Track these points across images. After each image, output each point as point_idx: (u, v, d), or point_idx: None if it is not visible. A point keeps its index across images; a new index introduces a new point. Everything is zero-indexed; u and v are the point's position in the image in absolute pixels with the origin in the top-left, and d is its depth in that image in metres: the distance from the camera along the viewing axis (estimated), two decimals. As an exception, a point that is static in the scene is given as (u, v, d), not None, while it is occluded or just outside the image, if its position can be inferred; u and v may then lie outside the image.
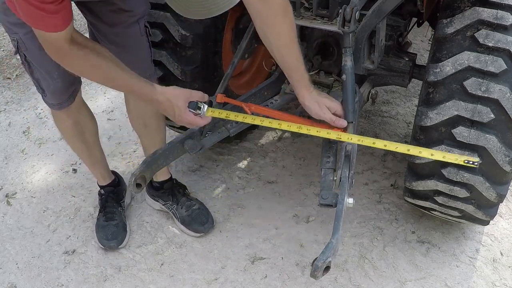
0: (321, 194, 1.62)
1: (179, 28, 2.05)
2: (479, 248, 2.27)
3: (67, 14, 1.47)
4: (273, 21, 1.63)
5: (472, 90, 1.69)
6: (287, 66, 1.74)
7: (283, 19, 1.63)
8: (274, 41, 1.68)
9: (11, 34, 1.81)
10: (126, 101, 2.22)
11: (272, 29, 1.65)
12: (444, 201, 1.95)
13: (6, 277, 2.26)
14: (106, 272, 2.25)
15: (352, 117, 1.76)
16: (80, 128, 2.17)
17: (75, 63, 1.61)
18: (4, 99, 3.35)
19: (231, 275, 2.21)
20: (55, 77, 1.89)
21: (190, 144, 1.88)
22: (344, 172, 1.67)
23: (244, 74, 2.76)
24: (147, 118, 2.20)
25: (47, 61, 1.76)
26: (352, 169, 1.69)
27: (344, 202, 1.57)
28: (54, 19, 1.43)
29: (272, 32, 1.66)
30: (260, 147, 2.82)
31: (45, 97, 2.02)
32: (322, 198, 1.61)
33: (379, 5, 1.78)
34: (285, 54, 1.71)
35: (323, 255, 1.41)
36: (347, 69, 1.79)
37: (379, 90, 3.09)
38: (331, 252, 1.42)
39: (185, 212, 2.36)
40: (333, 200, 1.59)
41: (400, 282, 2.15)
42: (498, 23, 1.69)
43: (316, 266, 1.40)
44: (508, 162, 1.74)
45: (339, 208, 1.54)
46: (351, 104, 1.77)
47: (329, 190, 1.65)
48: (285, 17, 1.64)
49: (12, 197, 2.64)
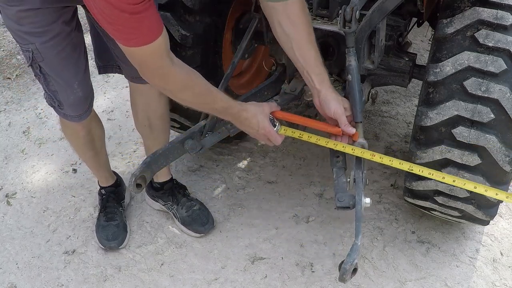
0: (336, 197, 1.61)
1: (179, 28, 2.05)
2: (479, 248, 2.27)
3: (157, 15, 1.33)
4: (293, 15, 1.62)
5: (472, 90, 1.69)
6: (307, 62, 1.70)
7: (302, 12, 1.63)
8: (294, 36, 1.66)
9: (24, 45, 1.72)
10: (134, 103, 2.20)
11: (292, 24, 1.64)
12: (444, 201, 1.95)
13: (6, 277, 2.26)
14: (106, 272, 2.25)
15: (360, 117, 1.75)
16: (91, 136, 2.16)
17: (178, 78, 1.48)
18: (4, 99, 3.35)
19: (231, 275, 2.21)
20: (75, 87, 1.84)
21: (190, 144, 1.88)
22: (357, 172, 1.65)
23: (244, 74, 2.75)
24: (154, 119, 2.19)
25: (67, 71, 1.72)
26: (365, 169, 1.68)
27: (362, 203, 1.56)
28: (147, 23, 1.28)
29: (292, 27, 1.65)
30: (260, 147, 2.82)
31: (61, 110, 1.95)
32: (338, 201, 1.60)
33: (379, 5, 1.77)
34: (305, 49, 1.68)
35: (350, 258, 1.40)
36: (352, 69, 1.78)
37: (379, 90, 3.09)
38: (356, 254, 1.42)
39: (186, 212, 2.36)
40: (349, 201, 1.58)
41: (400, 282, 2.15)
42: (498, 23, 1.69)
43: (344, 270, 1.39)
44: (508, 162, 1.73)
45: (358, 209, 1.54)
46: (359, 104, 1.75)
47: (344, 192, 1.64)
48: (303, 10, 1.64)
49: (12, 197, 2.64)
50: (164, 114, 2.21)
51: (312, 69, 1.71)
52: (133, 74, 2.04)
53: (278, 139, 1.77)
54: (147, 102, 2.14)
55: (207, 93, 1.60)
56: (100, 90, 3.36)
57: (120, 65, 2.04)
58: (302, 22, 1.66)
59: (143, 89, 2.09)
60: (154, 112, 2.17)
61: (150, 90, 2.08)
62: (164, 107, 2.18)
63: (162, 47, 1.38)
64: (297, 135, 1.78)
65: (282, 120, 1.82)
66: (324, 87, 1.73)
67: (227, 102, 1.66)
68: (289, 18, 1.64)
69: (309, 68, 1.72)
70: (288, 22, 1.65)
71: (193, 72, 1.55)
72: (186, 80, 1.52)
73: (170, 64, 1.43)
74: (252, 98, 2.06)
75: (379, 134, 2.86)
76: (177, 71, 1.48)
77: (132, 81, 2.08)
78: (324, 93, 1.73)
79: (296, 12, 1.63)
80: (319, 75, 1.72)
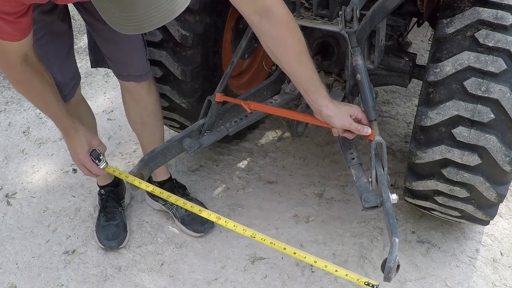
0: (363, 198, 1.59)
1: (179, 28, 2.05)
2: (479, 248, 2.27)
3: (24, 27, 1.50)
4: (278, 37, 1.58)
5: (472, 90, 1.69)
6: (300, 80, 1.66)
7: (288, 33, 1.57)
8: (281, 57, 1.62)
9: None
10: (124, 101, 2.21)
11: (278, 45, 1.60)
12: (444, 201, 1.95)
13: (6, 277, 2.26)
14: (106, 272, 2.25)
15: (374, 115, 1.71)
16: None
17: (17, 78, 1.66)
18: (4, 99, 3.35)
19: (231, 275, 2.21)
20: (54, 72, 1.89)
21: (188, 142, 1.88)
22: (379, 170, 1.63)
23: (244, 74, 2.76)
24: (145, 117, 2.20)
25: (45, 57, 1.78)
26: (386, 166, 1.65)
27: (390, 200, 1.55)
28: (10, 29, 1.46)
29: (278, 48, 1.60)
30: (260, 147, 2.82)
31: None
32: (365, 202, 1.58)
33: (379, 5, 1.77)
34: (295, 68, 1.64)
35: (392, 255, 1.38)
36: (360, 68, 1.75)
37: (379, 90, 3.10)
38: (396, 251, 1.40)
39: (185, 212, 2.36)
40: (376, 201, 1.58)
41: (400, 282, 2.15)
42: (498, 23, 1.69)
43: (389, 268, 1.37)
44: (508, 162, 1.73)
45: (388, 207, 1.53)
46: (370, 101, 1.72)
47: (367, 192, 1.62)
48: (290, 31, 1.57)
49: (12, 197, 2.64)
50: (156, 111, 2.21)
51: (307, 87, 1.66)
52: (120, 71, 2.06)
53: (95, 169, 1.84)
54: (136, 99, 2.15)
55: (41, 99, 1.76)
56: (100, 90, 3.36)
57: (107, 61, 2.07)
58: (289, 43, 1.59)
59: (130, 86, 2.10)
60: (144, 110, 2.18)
61: (138, 87, 2.10)
62: (154, 104, 2.19)
63: (17, 50, 1.56)
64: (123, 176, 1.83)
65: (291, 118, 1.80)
66: (324, 104, 1.66)
67: (60, 114, 1.78)
68: (275, 40, 1.59)
69: (304, 86, 1.67)
70: (274, 45, 1.60)
71: (38, 79, 1.67)
72: (23, 80, 1.66)
73: (16, 64, 1.59)
74: (252, 98, 2.07)
75: (379, 134, 2.85)
76: (19, 73, 1.62)
77: (120, 78, 2.10)
78: (325, 111, 1.67)
79: (282, 31, 1.57)
80: (315, 92, 1.66)
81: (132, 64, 2.03)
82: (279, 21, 1.55)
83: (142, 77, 2.07)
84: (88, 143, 1.82)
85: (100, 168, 1.84)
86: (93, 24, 1.91)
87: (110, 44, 1.95)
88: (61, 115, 1.79)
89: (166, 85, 2.23)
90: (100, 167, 1.83)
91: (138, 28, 1.04)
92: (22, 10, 1.44)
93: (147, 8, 1.00)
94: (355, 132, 1.69)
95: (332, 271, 1.45)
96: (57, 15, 1.83)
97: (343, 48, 2.13)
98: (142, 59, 2.04)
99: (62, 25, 1.88)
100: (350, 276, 1.43)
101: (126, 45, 1.96)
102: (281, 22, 1.55)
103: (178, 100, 2.26)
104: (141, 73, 2.06)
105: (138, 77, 2.06)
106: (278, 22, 1.55)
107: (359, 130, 1.67)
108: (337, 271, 1.45)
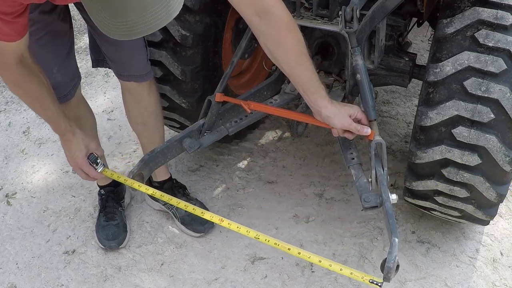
0: (363, 198, 1.60)
1: (179, 28, 2.05)
2: (479, 248, 2.27)
3: (21, 28, 1.50)
4: (277, 38, 1.57)
5: (472, 90, 1.69)
6: (299, 81, 1.66)
7: (287, 33, 1.57)
8: (281, 58, 1.62)
9: None
10: (125, 101, 2.22)
11: (277, 46, 1.59)
12: (444, 201, 1.95)
13: (6, 277, 2.26)
14: (106, 272, 2.25)
15: (374, 115, 1.71)
16: (79, 124, 2.16)
17: (13, 78, 1.65)
18: (4, 99, 3.35)
19: (231, 275, 2.21)
20: (54, 72, 1.89)
21: (188, 142, 1.88)
22: (379, 170, 1.63)
23: (244, 74, 2.76)
24: (146, 117, 2.20)
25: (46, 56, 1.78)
26: (385, 166, 1.66)
27: (390, 200, 1.55)
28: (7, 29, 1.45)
29: (278, 49, 1.60)
30: (260, 147, 2.82)
31: None
32: (365, 202, 1.59)
33: (379, 5, 1.77)
34: (295, 69, 1.63)
35: (391, 255, 1.38)
36: (360, 68, 1.75)
37: (379, 90, 3.10)
38: (396, 251, 1.40)
39: (185, 212, 2.35)
40: (376, 201, 1.58)
41: (400, 282, 2.15)
42: (498, 23, 1.69)
43: (388, 268, 1.37)
44: (508, 162, 1.73)
45: (388, 207, 1.53)
46: (370, 101, 1.72)
47: (367, 192, 1.63)
48: (289, 31, 1.57)
49: (12, 197, 2.65)
50: (156, 111, 2.21)
51: (306, 88, 1.66)
52: (120, 71, 2.06)
53: (93, 173, 1.82)
54: (137, 99, 2.15)
55: (37, 101, 1.73)
56: (100, 90, 3.36)
57: (108, 61, 2.07)
58: (289, 44, 1.59)
59: (131, 86, 2.10)
60: (145, 110, 2.18)
61: (139, 87, 2.09)
62: (155, 105, 2.19)
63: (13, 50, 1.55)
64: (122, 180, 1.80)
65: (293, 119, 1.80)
66: (323, 105, 1.66)
67: (57, 116, 1.76)
68: (275, 41, 1.58)
69: (303, 87, 1.66)
70: (274, 46, 1.60)
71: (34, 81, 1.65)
72: (19, 82, 1.65)
73: (11, 64, 1.57)
74: (252, 98, 2.07)
75: (379, 134, 2.85)
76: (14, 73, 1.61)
77: (120, 78, 2.10)
78: (324, 112, 1.67)
79: (282, 32, 1.56)
80: (314, 93, 1.66)
81: (132, 64, 2.03)
82: (278, 22, 1.54)
83: (143, 77, 2.07)
84: (86, 146, 1.80)
85: (98, 172, 1.82)
86: (93, 24, 1.91)
87: (110, 44, 1.95)
88: (58, 117, 1.76)
89: (166, 85, 2.23)
90: (98, 170, 1.82)
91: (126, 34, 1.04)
92: (19, 10, 1.44)
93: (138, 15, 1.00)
94: (355, 132, 1.69)
95: (337, 270, 1.47)
96: (57, 15, 1.83)
97: (343, 48, 2.13)
98: (142, 59, 2.04)
99: (63, 25, 1.88)
100: (354, 275, 1.44)
101: (126, 45, 1.96)
102: (280, 23, 1.55)
103: (178, 100, 2.26)
104: (142, 73, 2.06)
105: (138, 77, 2.06)
106: (278, 23, 1.54)
107: (358, 130, 1.68)
108: (342, 270, 1.46)
